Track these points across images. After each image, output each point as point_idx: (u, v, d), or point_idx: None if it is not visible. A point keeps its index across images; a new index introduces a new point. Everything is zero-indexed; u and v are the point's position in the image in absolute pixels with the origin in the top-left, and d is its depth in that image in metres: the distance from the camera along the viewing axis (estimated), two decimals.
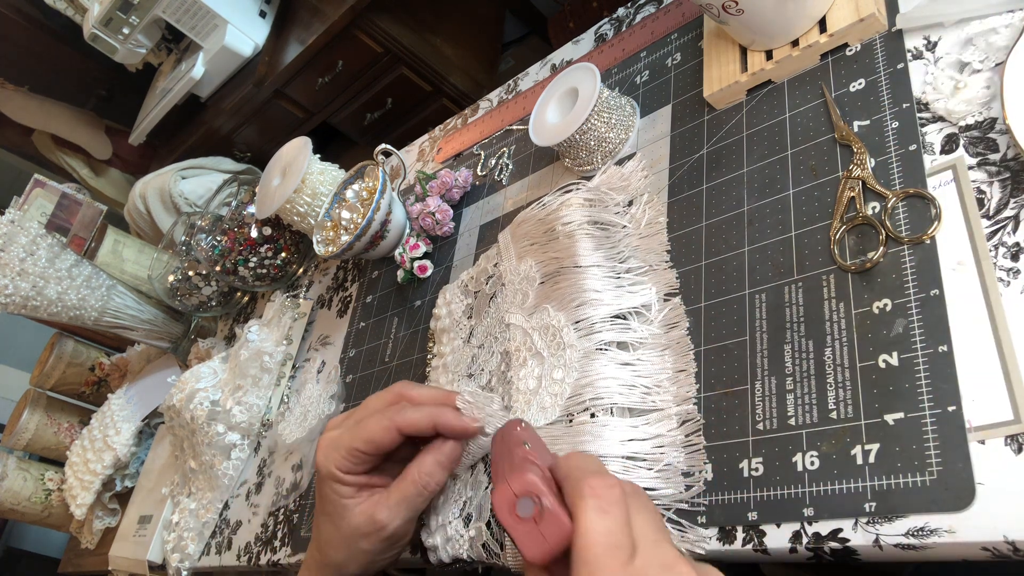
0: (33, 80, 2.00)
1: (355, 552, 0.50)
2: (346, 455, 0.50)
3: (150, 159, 2.11)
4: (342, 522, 0.51)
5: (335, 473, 0.50)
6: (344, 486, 0.51)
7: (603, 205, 0.61)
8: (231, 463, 0.92)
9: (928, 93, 0.47)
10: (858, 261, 0.45)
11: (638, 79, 0.70)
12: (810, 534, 0.41)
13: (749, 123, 0.57)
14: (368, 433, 0.50)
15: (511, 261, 0.65)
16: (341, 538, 0.51)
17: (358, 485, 0.51)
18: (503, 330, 0.62)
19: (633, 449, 0.48)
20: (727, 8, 0.53)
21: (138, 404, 1.21)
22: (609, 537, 0.33)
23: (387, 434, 0.49)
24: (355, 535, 0.50)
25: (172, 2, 1.56)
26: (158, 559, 0.97)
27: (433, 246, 0.84)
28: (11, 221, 1.05)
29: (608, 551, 0.33)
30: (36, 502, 1.29)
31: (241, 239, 1.01)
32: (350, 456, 0.50)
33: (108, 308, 1.14)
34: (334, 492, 0.51)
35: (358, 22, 1.47)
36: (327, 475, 0.51)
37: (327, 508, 0.52)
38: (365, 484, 0.51)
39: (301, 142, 0.93)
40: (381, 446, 0.50)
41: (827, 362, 0.44)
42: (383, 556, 0.51)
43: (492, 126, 0.86)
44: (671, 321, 0.53)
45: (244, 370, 0.92)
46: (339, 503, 0.51)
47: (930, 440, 0.38)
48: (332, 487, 0.51)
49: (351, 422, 0.52)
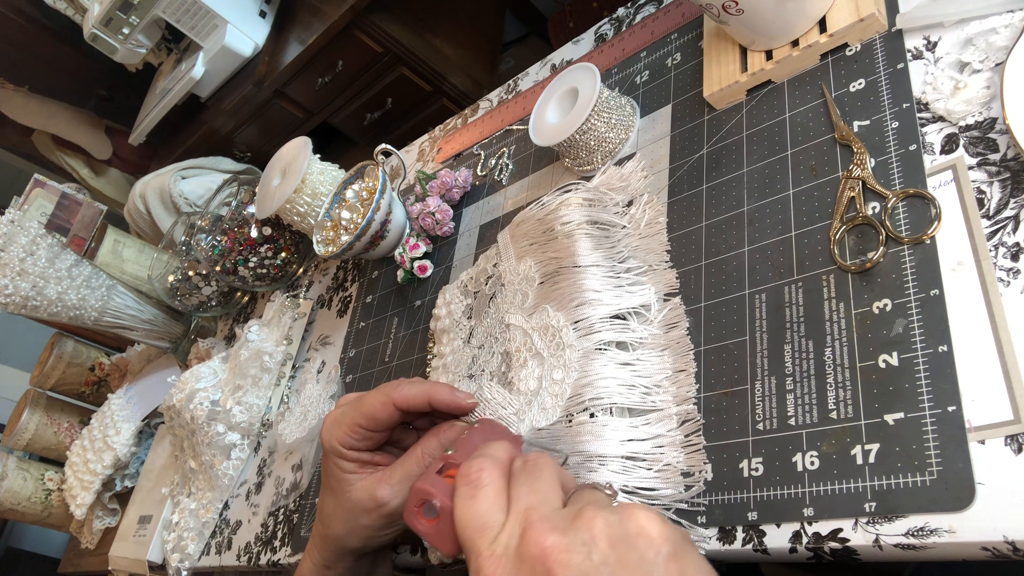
0: (33, 80, 2.00)
1: (355, 527, 0.52)
2: (348, 431, 0.51)
3: (150, 159, 2.11)
4: (344, 497, 0.52)
5: (338, 448, 0.52)
6: (347, 461, 0.52)
7: (602, 205, 0.61)
8: (231, 463, 0.92)
9: (928, 93, 0.47)
10: (858, 261, 0.45)
11: (638, 79, 0.70)
12: (810, 534, 0.41)
13: (749, 123, 0.57)
14: (367, 408, 0.51)
15: (510, 261, 0.65)
16: (343, 512, 0.52)
17: (361, 461, 0.52)
18: (503, 330, 0.62)
19: (633, 449, 0.48)
20: (727, 8, 0.53)
21: (138, 404, 1.21)
22: (475, 520, 0.35)
23: (384, 409, 0.51)
24: (356, 510, 0.51)
25: (172, 2, 1.56)
26: (158, 559, 0.97)
27: (433, 246, 0.84)
28: (11, 221, 1.05)
29: (477, 533, 0.34)
30: (36, 502, 1.29)
31: (241, 239, 1.01)
32: (352, 432, 0.51)
33: (108, 308, 1.14)
34: (337, 467, 0.52)
35: (358, 22, 1.47)
36: (330, 450, 0.52)
37: (330, 483, 0.53)
38: (368, 461, 0.53)
39: (301, 142, 0.93)
40: (380, 421, 0.51)
41: (827, 362, 0.44)
42: (383, 533, 0.52)
43: (492, 126, 0.86)
44: (671, 321, 0.53)
45: (244, 370, 0.92)
46: (342, 478, 0.52)
47: (930, 440, 0.38)
48: (335, 462, 0.52)
49: (354, 398, 0.54)
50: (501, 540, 0.34)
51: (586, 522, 0.32)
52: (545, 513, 0.34)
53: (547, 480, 0.37)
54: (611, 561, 0.31)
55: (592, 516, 0.32)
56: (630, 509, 0.33)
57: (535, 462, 0.38)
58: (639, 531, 0.32)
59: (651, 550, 0.31)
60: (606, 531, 0.32)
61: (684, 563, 0.31)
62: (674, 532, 0.33)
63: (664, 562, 0.31)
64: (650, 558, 0.31)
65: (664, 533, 0.32)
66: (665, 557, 0.31)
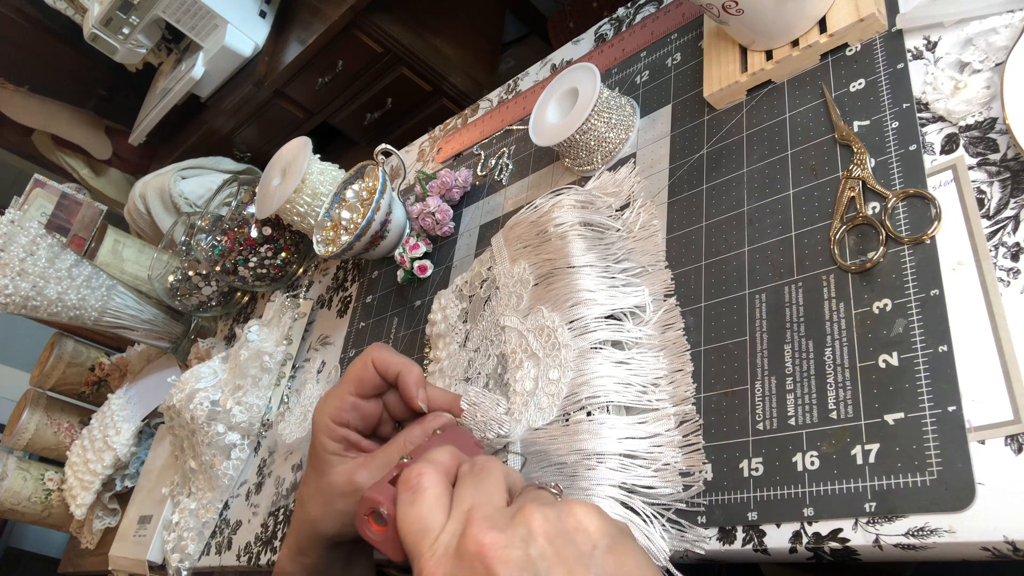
0: (33, 80, 2.00)
1: (330, 511, 0.52)
2: (338, 403, 0.52)
3: (150, 159, 2.11)
4: (323, 478, 0.52)
5: (327, 424, 0.52)
6: (332, 441, 0.52)
7: (595, 208, 0.61)
8: (231, 463, 0.92)
9: (928, 93, 0.47)
10: (858, 261, 0.45)
11: (638, 79, 0.70)
12: (810, 534, 0.41)
13: (749, 123, 0.57)
14: (353, 373, 0.52)
15: (504, 264, 0.65)
16: (320, 495, 0.52)
17: (347, 443, 0.52)
18: (498, 333, 0.62)
19: (630, 447, 0.48)
20: (727, 8, 0.53)
21: (138, 404, 1.21)
22: (416, 523, 0.35)
23: (365, 369, 0.52)
24: (333, 493, 0.51)
25: (172, 2, 1.56)
26: (158, 559, 0.97)
27: (433, 246, 0.84)
28: (11, 221, 1.05)
29: (418, 536, 0.35)
30: (36, 502, 1.29)
31: (241, 239, 1.01)
32: (341, 402, 0.52)
33: (108, 308, 1.14)
34: (322, 447, 0.52)
35: (358, 22, 1.47)
36: (319, 426, 0.53)
37: (313, 462, 0.53)
38: (354, 444, 0.53)
39: (301, 142, 0.93)
40: (366, 383, 0.52)
41: (827, 362, 0.44)
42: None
43: (492, 126, 0.86)
44: (667, 322, 0.53)
45: (244, 370, 0.92)
46: (324, 458, 0.52)
47: (930, 440, 0.38)
48: (321, 441, 0.52)
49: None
50: (442, 540, 0.34)
51: (525, 518, 0.33)
52: (486, 512, 0.34)
53: (492, 482, 0.37)
54: (549, 555, 0.31)
55: (531, 512, 0.33)
56: (569, 505, 0.34)
57: (482, 465, 0.38)
58: (577, 525, 0.33)
59: (588, 543, 0.32)
60: (544, 526, 0.32)
61: (622, 556, 0.32)
62: (612, 526, 0.33)
63: (601, 555, 0.32)
64: (587, 551, 0.32)
65: (602, 527, 0.33)
66: (603, 550, 0.32)
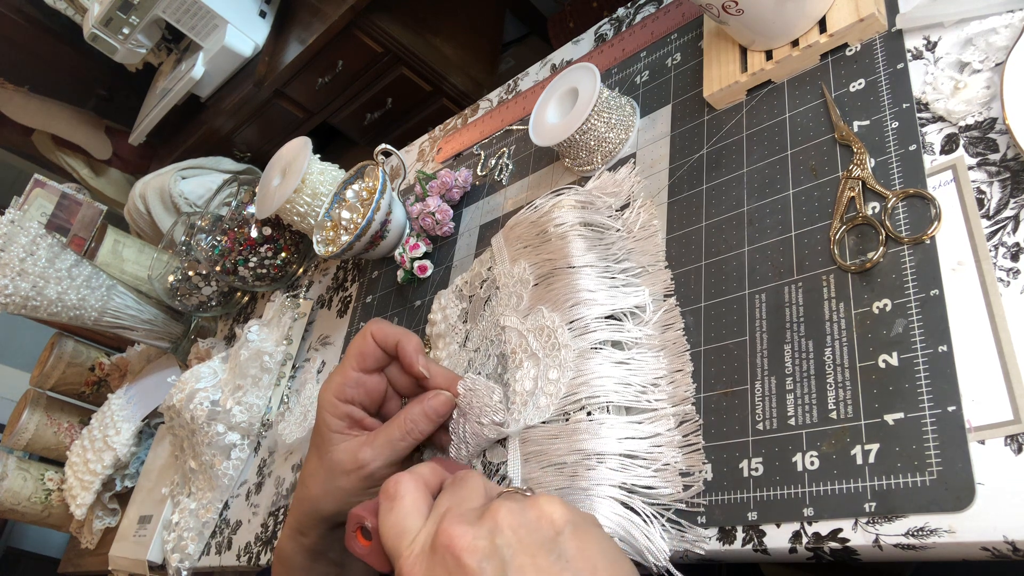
0: (33, 80, 2.00)
1: (332, 488, 0.52)
2: (340, 380, 0.53)
3: (150, 159, 2.11)
4: (326, 455, 0.53)
5: (331, 400, 0.53)
6: (336, 419, 0.53)
7: (595, 208, 0.61)
8: (231, 463, 0.92)
9: (928, 93, 0.47)
10: (858, 261, 0.45)
11: (638, 79, 0.70)
12: (810, 534, 0.41)
13: (749, 123, 0.57)
14: (353, 349, 0.54)
15: (504, 264, 0.65)
16: (323, 471, 0.53)
17: (351, 420, 0.53)
18: (498, 333, 0.62)
19: (630, 447, 0.48)
20: (727, 8, 0.53)
21: (138, 404, 1.21)
22: (395, 528, 0.38)
23: (365, 343, 0.53)
24: (336, 470, 0.52)
25: (172, 2, 1.56)
26: (158, 559, 0.97)
27: (433, 246, 0.84)
28: (11, 221, 1.05)
29: (397, 539, 0.37)
30: (36, 502, 1.29)
31: (241, 239, 1.01)
32: (344, 378, 0.53)
33: (108, 308, 1.14)
34: (325, 424, 0.53)
35: (358, 22, 1.47)
36: (323, 403, 0.54)
37: (316, 440, 0.54)
38: (358, 422, 0.54)
39: (301, 142, 0.93)
40: (367, 357, 0.53)
41: (827, 362, 0.44)
42: (358, 499, 0.53)
43: (492, 126, 0.86)
44: (666, 322, 0.53)
45: (244, 370, 0.92)
46: (328, 435, 0.53)
47: (930, 440, 0.38)
48: (325, 419, 0.53)
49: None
50: (419, 540, 0.36)
51: (492, 513, 0.35)
52: (459, 512, 0.36)
53: (468, 487, 0.39)
54: (513, 543, 0.33)
55: (497, 507, 0.35)
56: (534, 499, 0.36)
57: (462, 476, 0.40)
58: (540, 515, 0.35)
59: (552, 530, 0.34)
60: (508, 518, 0.34)
61: (584, 541, 0.34)
62: (575, 514, 0.35)
63: (565, 540, 0.34)
64: (551, 536, 0.34)
65: (565, 515, 0.35)
66: (567, 536, 0.34)
